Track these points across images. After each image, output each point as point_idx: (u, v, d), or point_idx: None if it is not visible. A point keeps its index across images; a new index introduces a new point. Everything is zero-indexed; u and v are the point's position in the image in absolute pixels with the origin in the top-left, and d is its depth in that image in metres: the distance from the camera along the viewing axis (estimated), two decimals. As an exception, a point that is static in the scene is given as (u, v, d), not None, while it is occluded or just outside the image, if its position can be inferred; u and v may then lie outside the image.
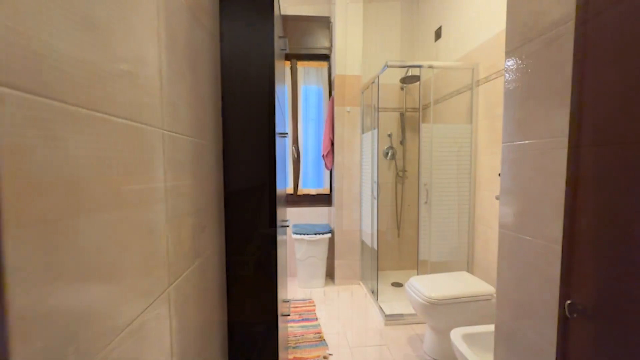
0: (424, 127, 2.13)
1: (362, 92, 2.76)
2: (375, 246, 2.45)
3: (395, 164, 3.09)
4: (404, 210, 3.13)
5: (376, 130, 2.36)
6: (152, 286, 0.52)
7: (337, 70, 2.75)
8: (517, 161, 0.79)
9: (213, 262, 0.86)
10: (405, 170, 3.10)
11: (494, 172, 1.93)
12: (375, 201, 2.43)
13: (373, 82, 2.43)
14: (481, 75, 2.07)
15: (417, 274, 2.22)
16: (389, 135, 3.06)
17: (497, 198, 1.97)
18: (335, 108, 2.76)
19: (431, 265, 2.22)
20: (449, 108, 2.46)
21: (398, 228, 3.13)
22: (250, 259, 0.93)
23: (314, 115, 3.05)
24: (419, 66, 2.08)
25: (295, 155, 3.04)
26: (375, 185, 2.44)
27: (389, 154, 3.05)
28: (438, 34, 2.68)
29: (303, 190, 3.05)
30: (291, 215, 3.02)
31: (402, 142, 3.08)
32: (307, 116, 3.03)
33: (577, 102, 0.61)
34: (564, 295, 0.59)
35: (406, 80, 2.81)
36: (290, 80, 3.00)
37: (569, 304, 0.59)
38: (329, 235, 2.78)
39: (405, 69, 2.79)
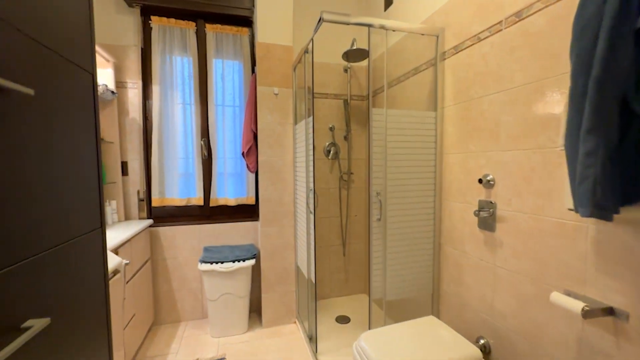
0: (375, 112, 1.51)
1: (294, 69, 2.07)
2: (312, 277, 1.78)
3: (339, 164, 2.47)
4: (350, 222, 2.53)
5: (311, 118, 1.69)
6: None
7: (259, 37, 2.01)
8: None
9: None
10: (352, 173, 2.50)
11: (470, 176, 1.40)
12: (312, 216, 1.76)
13: (306, 52, 1.75)
14: (448, 45, 1.52)
15: (369, 321, 1.60)
16: (331, 129, 2.42)
17: (476, 214, 1.43)
18: (259, 88, 2.02)
19: (387, 305, 1.62)
20: (405, 92, 1.90)
21: (344, 245, 2.52)
22: None
23: (231, 100, 2.27)
24: (369, 25, 1.46)
25: (206, 154, 2.22)
26: (311, 194, 1.76)
27: (331, 152, 2.42)
28: (389, 1, 2.11)
29: (218, 200, 2.25)
30: (202, 235, 2.20)
31: (346, 138, 2.47)
32: (222, 101, 2.23)
33: None
34: None
35: (351, 55, 2.19)
36: (195, 49, 2.16)
37: None
38: (253, 261, 2.04)
39: (350, 42, 2.18)
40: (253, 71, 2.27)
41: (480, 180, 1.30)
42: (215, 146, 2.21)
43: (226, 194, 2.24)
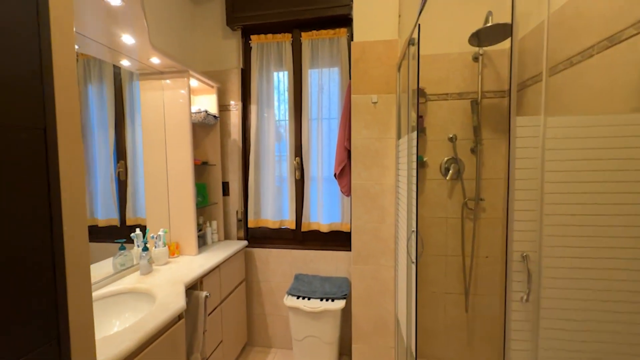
0: (522, 122, 0.92)
1: (399, 68, 1.62)
2: (412, 345, 1.30)
3: (462, 186, 1.84)
4: (478, 265, 1.85)
5: (415, 133, 1.22)
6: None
7: (356, 36, 1.67)
8: None
9: None
10: (481, 199, 1.82)
11: None
12: (414, 267, 1.28)
13: (411, 43, 1.28)
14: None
15: None
16: (451, 140, 1.82)
17: None
18: (353, 97, 1.68)
19: None
20: (583, 82, 1.16)
21: (466, 294, 1.87)
22: None
23: (327, 113, 2.02)
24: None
25: (299, 175, 2.05)
26: (413, 236, 1.29)
27: (451, 170, 1.82)
28: (552, -59, 1.36)
29: (311, 224, 2.04)
30: (293, 260, 2.05)
31: (474, 151, 1.81)
32: (317, 114, 2.01)
33: None
34: None
35: (484, 36, 1.55)
36: (290, 62, 2.02)
37: None
38: (343, 303, 1.72)
39: (484, 18, 1.54)
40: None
41: None
42: (308, 165, 2.01)
43: (319, 218, 2.01)
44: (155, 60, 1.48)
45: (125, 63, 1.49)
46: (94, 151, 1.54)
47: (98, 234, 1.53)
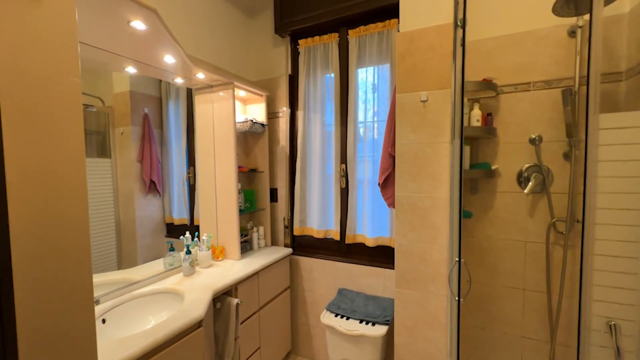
0: (610, 122, 0.61)
1: (454, 57, 1.33)
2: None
3: (549, 202, 1.41)
4: (572, 305, 1.39)
5: (459, 140, 0.96)
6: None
7: (402, 25, 1.46)
8: None
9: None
10: (578, 221, 1.36)
11: None
12: (457, 304, 1.02)
13: (458, 25, 1.02)
14: None
15: None
16: (533, 142, 1.42)
17: None
18: (398, 97, 1.47)
19: None
20: None
21: (552, 344, 1.43)
22: None
23: (376, 115, 1.83)
24: None
25: (344, 183, 1.92)
26: (455, 268, 1.02)
27: (532, 181, 1.41)
28: None
29: (356, 236, 1.89)
30: (338, 273, 1.94)
31: (568, 156, 1.37)
32: (364, 117, 1.85)
33: None
34: None
35: (582, 4, 1.14)
36: (337, 63, 1.90)
37: None
38: (384, 329, 1.53)
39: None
40: (402, 73, 1.71)
41: None
42: (353, 173, 1.86)
43: (365, 231, 1.84)
44: (200, 75, 1.58)
45: (179, 81, 1.64)
46: (172, 158, 1.76)
47: (173, 230, 1.75)
